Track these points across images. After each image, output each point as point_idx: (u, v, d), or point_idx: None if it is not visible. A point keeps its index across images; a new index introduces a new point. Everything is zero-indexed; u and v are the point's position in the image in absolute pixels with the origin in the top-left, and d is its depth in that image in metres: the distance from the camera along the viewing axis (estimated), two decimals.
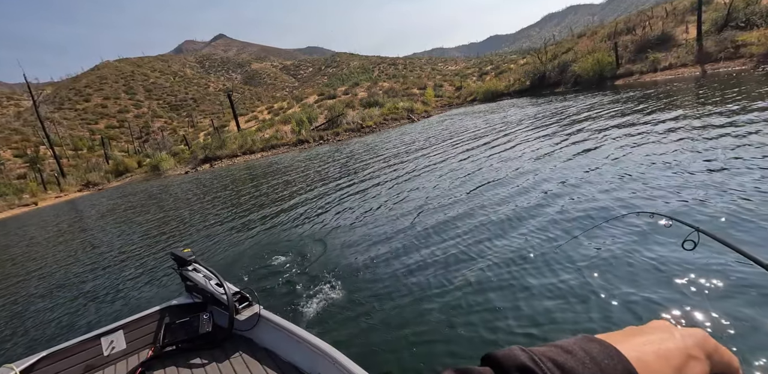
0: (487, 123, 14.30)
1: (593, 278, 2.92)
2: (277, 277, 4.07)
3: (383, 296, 3.29)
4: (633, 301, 2.58)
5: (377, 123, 22.67)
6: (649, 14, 21.97)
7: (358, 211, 6.17)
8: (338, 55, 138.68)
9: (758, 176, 4.15)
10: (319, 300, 3.39)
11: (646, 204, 4.05)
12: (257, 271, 4.42)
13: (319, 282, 3.74)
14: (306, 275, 4.01)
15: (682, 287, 2.58)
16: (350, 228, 5.35)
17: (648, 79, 17.01)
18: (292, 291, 3.67)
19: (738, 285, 2.50)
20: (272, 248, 5.12)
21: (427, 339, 2.61)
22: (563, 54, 24.79)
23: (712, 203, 3.72)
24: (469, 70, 56.59)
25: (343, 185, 8.46)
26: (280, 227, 6.08)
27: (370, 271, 3.82)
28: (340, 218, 5.96)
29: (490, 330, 2.59)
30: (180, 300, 2.75)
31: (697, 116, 7.81)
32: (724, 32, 15.50)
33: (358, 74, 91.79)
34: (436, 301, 3.06)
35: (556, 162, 6.49)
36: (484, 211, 4.89)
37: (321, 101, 35.02)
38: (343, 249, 4.57)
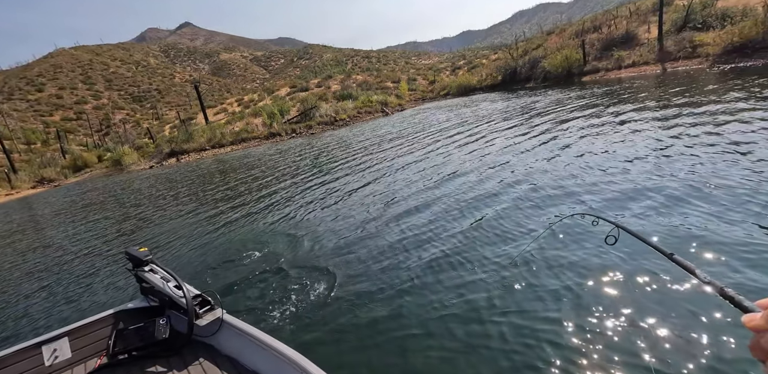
0: (459, 117, 14.46)
1: (524, 271, 3.10)
2: (243, 278, 3.89)
3: (354, 297, 3.21)
4: (557, 291, 2.79)
5: (351, 116, 22.41)
6: (614, 14, 22.71)
7: (329, 206, 6.06)
8: (311, 47, 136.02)
9: (690, 165, 4.55)
10: (287, 302, 3.26)
11: (584, 199, 4.33)
12: (221, 272, 4.21)
13: (288, 283, 3.62)
14: (273, 275, 3.86)
15: (604, 276, 2.85)
16: (320, 224, 5.24)
17: (613, 76, 17.61)
18: (258, 293, 3.51)
19: (647, 270, 2.80)
20: (238, 246, 4.93)
21: (398, 343, 2.54)
22: (533, 50, 25.28)
23: (644, 197, 4.00)
24: (442, 65, 56.88)
25: (315, 180, 8.30)
26: (247, 224, 5.88)
27: (341, 270, 3.73)
28: (310, 214, 5.83)
29: (462, 325, 2.57)
30: (135, 304, 2.54)
31: (653, 111, 8.32)
32: (683, 33, 16.24)
33: (332, 67, 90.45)
34: (408, 301, 3.01)
35: (520, 155, 6.84)
36: (451, 203, 5.01)
37: (293, 93, 34.25)
38: (313, 246, 4.46)
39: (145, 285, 2.50)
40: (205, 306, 2.23)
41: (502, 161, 6.67)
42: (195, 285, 2.52)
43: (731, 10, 15.61)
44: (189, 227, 6.37)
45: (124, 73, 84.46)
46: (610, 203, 4.05)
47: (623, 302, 2.57)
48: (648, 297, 2.52)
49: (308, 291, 3.39)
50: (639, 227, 3.40)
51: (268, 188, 8.43)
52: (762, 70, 11.37)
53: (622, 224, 1.36)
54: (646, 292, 2.59)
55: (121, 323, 2.38)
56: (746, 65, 12.62)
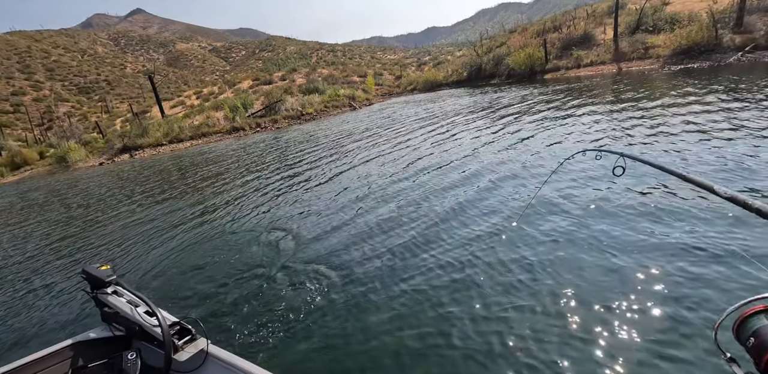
0: (427, 111, 14.58)
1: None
2: (219, 293, 3.47)
3: (350, 303, 2.98)
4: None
5: (318, 110, 21.92)
6: (573, 15, 23.59)
7: (300, 202, 5.83)
8: (273, 39, 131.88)
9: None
10: (276, 320, 2.92)
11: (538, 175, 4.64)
12: (192, 286, 3.72)
13: (272, 294, 3.29)
14: (253, 287, 3.50)
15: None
16: (292, 222, 5.00)
17: (573, 74, 18.31)
18: (240, 312, 3.11)
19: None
20: (208, 253, 4.54)
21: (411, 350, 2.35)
22: (497, 48, 25.82)
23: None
24: (408, 60, 57.04)
25: (282, 175, 8.00)
26: (214, 227, 5.51)
27: (327, 273, 3.49)
28: (280, 211, 5.56)
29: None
30: (96, 333, 2.06)
31: (607, 105, 9.02)
32: (636, 35, 17.12)
33: (296, 60, 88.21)
34: (405, 317, 2.85)
35: (488, 145, 7.18)
36: (427, 193, 5.08)
37: (256, 86, 33.03)
38: (289, 248, 4.22)
39: (108, 309, 2.05)
40: (185, 336, 1.88)
41: (470, 151, 7.01)
42: (167, 309, 2.13)
43: (679, 15, 16.63)
44: (147, 232, 5.88)
45: (67, 62, 78.02)
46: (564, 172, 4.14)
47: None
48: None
49: (296, 303, 3.11)
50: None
51: (232, 185, 8.01)
52: (708, 71, 12.20)
53: (626, 153, 1.34)
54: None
55: (79, 358, 1.93)
56: (694, 66, 13.50)
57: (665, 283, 2.51)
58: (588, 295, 2.55)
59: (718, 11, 14.47)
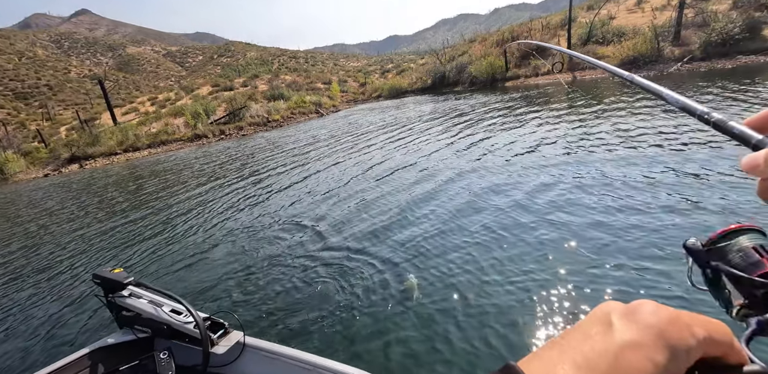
0: (393, 118, 14.87)
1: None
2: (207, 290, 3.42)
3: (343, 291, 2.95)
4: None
5: (285, 117, 21.52)
6: (529, 26, 24.84)
7: (267, 210, 5.66)
8: (232, 44, 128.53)
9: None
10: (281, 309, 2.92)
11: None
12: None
13: (254, 283, 3.22)
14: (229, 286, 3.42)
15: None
16: (261, 228, 4.84)
17: (532, 82, 19.21)
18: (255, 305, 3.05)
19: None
20: (174, 269, 4.32)
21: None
22: (459, 56, 26.63)
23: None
24: (371, 68, 57.57)
25: (249, 183, 7.75)
26: (180, 240, 5.21)
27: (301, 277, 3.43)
28: (249, 220, 5.36)
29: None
30: (116, 338, 2.00)
31: (559, 110, 9.69)
32: (588, 46, 18.32)
33: (257, 66, 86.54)
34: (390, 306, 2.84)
35: (449, 150, 7.60)
36: (387, 194, 5.42)
37: (216, 92, 31.98)
38: (254, 259, 4.07)
39: (127, 313, 2.01)
40: (218, 331, 1.89)
41: (434, 155, 7.42)
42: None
43: (624, 28, 17.97)
44: (101, 248, 5.47)
45: (2, 65, 71.78)
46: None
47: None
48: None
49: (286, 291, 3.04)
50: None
51: (195, 194, 7.64)
52: (652, 79, 13.00)
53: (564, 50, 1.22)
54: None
55: (100, 365, 1.86)
56: (640, 76, 14.59)
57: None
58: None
59: (658, 26, 15.78)
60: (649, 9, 19.69)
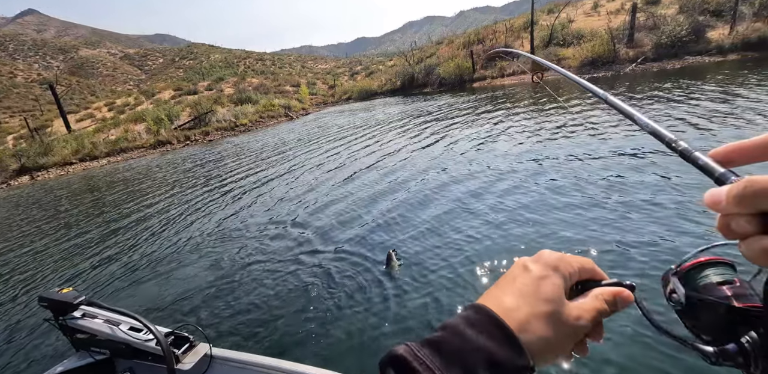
0: (363, 120, 14.95)
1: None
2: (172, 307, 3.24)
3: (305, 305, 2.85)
4: None
5: (254, 121, 20.98)
6: (494, 29, 25.48)
7: (238, 216, 5.48)
8: (195, 46, 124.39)
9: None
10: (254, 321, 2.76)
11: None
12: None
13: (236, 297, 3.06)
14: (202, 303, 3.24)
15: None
16: (229, 236, 4.66)
17: (498, 83, 19.69)
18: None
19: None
20: (146, 278, 4.07)
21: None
22: (428, 58, 26.95)
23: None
24: (340, 70, 57.29)
25: (215, 191, 7.47)
26: (135, 250, 4.93)
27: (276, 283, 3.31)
28: (217, 226, 5.15)
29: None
30: (73, 362, 1.85)
31: (523, 108, 10.24)
32: (549, 48, 18.99)
33: (222, 68, 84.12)
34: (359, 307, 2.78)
35: (415, 152, 7.79)
36: (362, 193, 5.44)
37: (180, 96, 30.82)
38: (223, 269, 3.90)
39: (81, 335, 1.86)
40: (182, 345, 1.77)
41: (399, 157, 7.64)
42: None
43: (583, 31, 18.76)
44: (60, 265, 5.09)
45: None
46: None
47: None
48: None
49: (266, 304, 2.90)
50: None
51: (157, 204, 7.28)
52: (610, 79, 13.90)
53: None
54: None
55: None
56: (597, 76, 15.28)
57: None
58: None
59: (614, 29, 16.58)
60: (605, 13, 20.66)
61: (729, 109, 6.79)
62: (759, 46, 13.57)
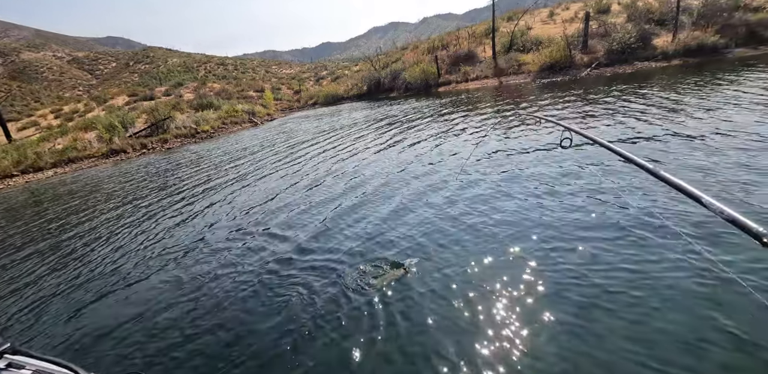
0: (329, 125, 14.82)
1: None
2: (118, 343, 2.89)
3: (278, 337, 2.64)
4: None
5: (216, 127, 20.19)
6: (457, 35, 26.03)
7: (194, 230, 5.14)
8: (151, 50, 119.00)
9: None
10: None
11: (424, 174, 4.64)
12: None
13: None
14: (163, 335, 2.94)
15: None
16: (181, 256, 4.34)
17: (462, 87, 20.06)
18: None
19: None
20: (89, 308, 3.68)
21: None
22: (393, 63, 27.11)
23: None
24: (305, 75, 56.61)
25: (168, 204, 7.04)
26: (74, 275, 4.51)
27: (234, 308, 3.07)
28: (174, 244, 4.80)
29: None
30: None
31: (485, 110, 10.18)
32: (510, 53, 19.59)
33: (181, 73, 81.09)
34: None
35: (379, 155, 7.91)
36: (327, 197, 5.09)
37: (135, 102, 29.29)
38: (181, 286, 3.61)
39: None
40: None
41: (363, 161, 7.68)
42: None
43: (541, 37, 19.52)
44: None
45: None
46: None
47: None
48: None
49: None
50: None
51: (105, 219, 6.74)
52: (567, 83, 14.47)
53: (572, 127, 1.37)
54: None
55: None
56: (556, 80, 15.90)
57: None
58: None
59: (569, 36, 17.35)
60: (560, 21, 21.63)
61: (672, 105, 7.57)
62: (698, 52, 14.65)
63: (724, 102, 7.26)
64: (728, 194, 3.51)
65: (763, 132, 5.15)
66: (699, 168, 4.28)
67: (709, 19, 15.56)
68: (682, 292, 2.44)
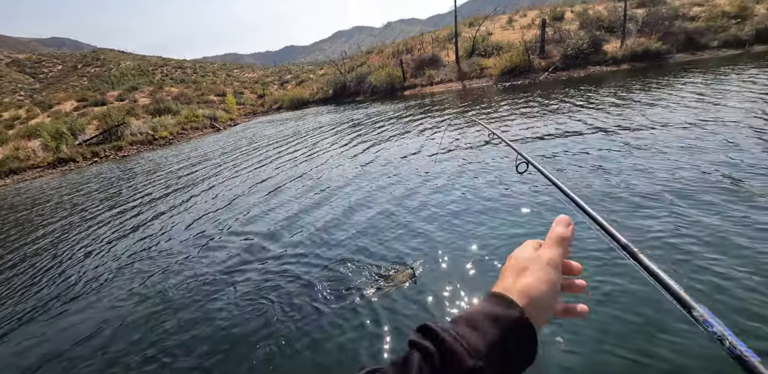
0: (292, 130, 14.64)
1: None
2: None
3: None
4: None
5: (175, 133, 19.31)
6: (421, 39, 26.43)
7: (147, 243, 4.86)
8: (102, 52, 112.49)
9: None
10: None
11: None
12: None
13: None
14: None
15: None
16: (135, 272, 4.07)
17: (427, 90, 20.35)
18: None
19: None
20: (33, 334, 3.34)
21: None
22: (359, 67, 27.11)
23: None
24: (269, 78, 55.57)
25: (119, 216, 6.65)
26: (7, 301, 4.11)
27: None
28: (126, 261, 4.49)
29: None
30: None
31: (447, 112, 10.47)
32: (473, 58, 20.11)
33: (135, 77, 77.16)
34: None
35: (340, 159, 7.89)
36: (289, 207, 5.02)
37: (84, 108, 27.56)
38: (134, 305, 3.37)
39: None
40: None
41: (324, 165, 7.67)
42: None
43: (501, 42, 20.18)
44: None
45: None
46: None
47: None
48: None
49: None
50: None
51: (47, 236, 6.23)
52: (527, 86, 15.02)
53: (530, 159, 1.24)
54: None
55: None
56: (517, 83, 16.47)
57: None
58: None
59: (527, 41, 18.04)
60: (519, 27, 22.47)
61: (621, 102, 8.28)
62: (644, 57, 15.66)
63: (660, 104, 7.77)
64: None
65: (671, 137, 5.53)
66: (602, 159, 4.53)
67: (652, 27, 16.67)
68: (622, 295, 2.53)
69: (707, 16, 17.02)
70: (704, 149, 4.76)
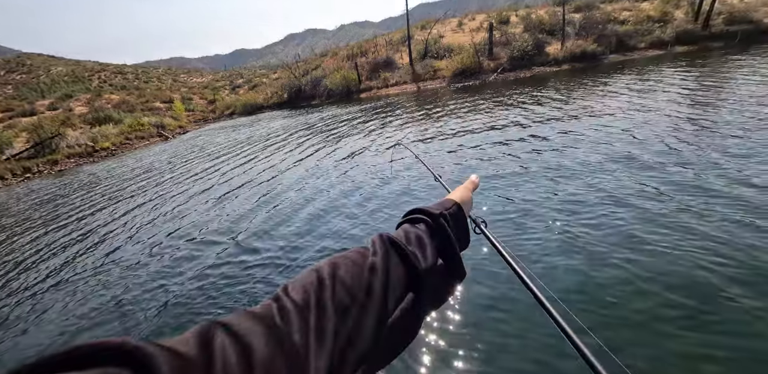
0: (245, 136, 14.36)
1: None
2: None
3: None
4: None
5: (118, 144, 18.05)
6: (375, 42, 26.58)
7: (84, 266, 4.50)
8: (29, 57, 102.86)
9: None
10: None
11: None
12: None
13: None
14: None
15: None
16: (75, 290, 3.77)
17: (383, 93, 20.49)
18: None
19: None
20: None
21: None
22: (313, 70, 26.79)
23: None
24: (219, 83, 53.55)
25: (52, 238, 6.10)
26: None
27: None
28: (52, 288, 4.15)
29: None
30: None
31: (402, 115, 10.57)
32: (426, 60, 20.53)
33: (69, 84, 71.39)
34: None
35: (292, 165, 7.75)
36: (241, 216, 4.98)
37: (11, 119, 25.14)
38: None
39: None
40: None
41: (274, 171, 7.63)
42: None
43: (452, 45, 20.76)
44: None
45: None
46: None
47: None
48: None
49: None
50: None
51: None
52: (478, 87, 15.57)
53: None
54: None
55: None
56: (468, 84, 17.01)
57: None
58: None
59: (477, 44, 18.69)
60: (468, 30, 23.23)
61: (562, 97, 8.78)
62: (582, 58, 16.75)
63: (595, 99, 8.38)
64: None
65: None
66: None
67: (588, 30, 17.88)
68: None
69: (635, 20, 18.51)
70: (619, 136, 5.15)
